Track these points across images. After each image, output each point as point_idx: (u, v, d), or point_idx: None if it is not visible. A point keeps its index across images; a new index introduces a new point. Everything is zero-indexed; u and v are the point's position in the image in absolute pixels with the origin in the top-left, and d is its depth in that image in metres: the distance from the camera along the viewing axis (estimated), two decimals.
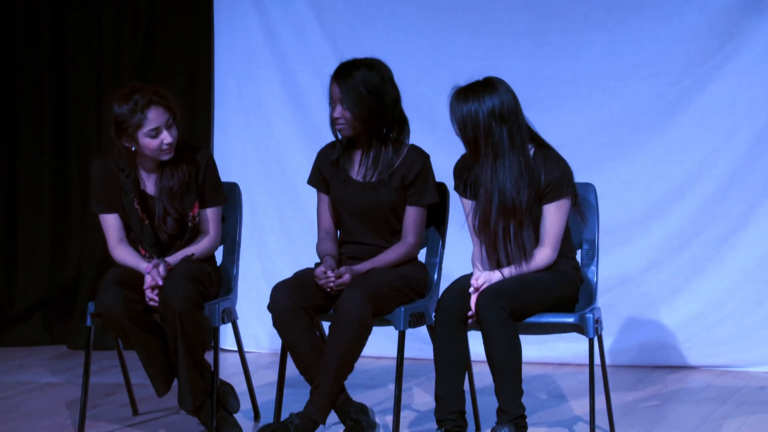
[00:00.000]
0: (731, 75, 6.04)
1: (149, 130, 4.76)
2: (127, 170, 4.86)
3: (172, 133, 4.80)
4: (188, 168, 4.88)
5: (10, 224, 6.85)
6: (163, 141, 4.77)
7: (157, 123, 4.76)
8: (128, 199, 4.86)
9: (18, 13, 6.77)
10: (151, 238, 4.88)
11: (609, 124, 6.19)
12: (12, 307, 6.82)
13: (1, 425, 5.16)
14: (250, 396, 5.27)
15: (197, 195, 4.91)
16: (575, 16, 6.16)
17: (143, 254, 4.89)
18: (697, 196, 6.11)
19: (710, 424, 5.11)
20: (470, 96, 4.49)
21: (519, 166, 4.52)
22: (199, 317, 4.77)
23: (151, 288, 4.74)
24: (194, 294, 4.73)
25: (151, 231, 4.87)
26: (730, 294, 6.08)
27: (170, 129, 4.80)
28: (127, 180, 4.85)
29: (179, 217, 4.86)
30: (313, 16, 6.47)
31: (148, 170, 4.88)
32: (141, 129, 4.76)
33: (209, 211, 4.96)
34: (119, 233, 4.92)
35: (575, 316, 4.69)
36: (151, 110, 4.76)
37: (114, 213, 4.91)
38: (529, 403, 5.37)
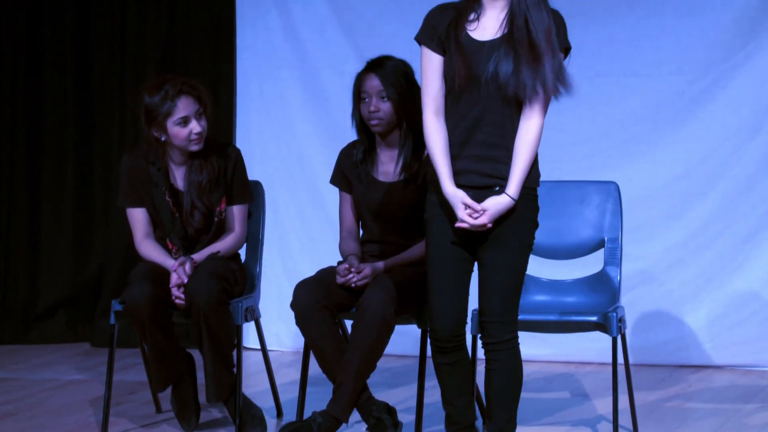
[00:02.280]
0: (754, 72, 6.04)
1: (178, 118, 4.79)
2: (158, 163, 4.88)
3: (202, 124, 4.84)
4: (217, 163, 4.91)
5: (33, 223, 6.88)
6: (192, 130, 4.80)
7: (186, 112, 4.79)
8: (159, 192, 4.87)
9: (42, 13, 6.81)
10: (180, 232, 4.90)
11: (630, 121, 6.19)
12: (36, 305, 6.86)
13: (26, 422, 5.19)
14: (273, 394, 5.29)
15: (225, 191, 4.93)
16: (597, 13, 6.18)
17: (170, 248, 4.91)
18: (720, 195, 6.10)
19: (734, 424, 5.10)
20: None
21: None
22: (224, 314, 4.79)
23: (177, 286, 4.75)
24: (219, 291, 4.74)
25: (180, 224, 4.90)
26: (753, 293, 6.07)
27: (200, 119, 4.83)
28: (157, 173, 4.88)
29: (206, 212, 4.89)
30: (333, 14, 6.49)
31: (177, 163, 4.90)
32: (170, 117, 4.79)
33: (236, 208, 4.97)
34: (146, 228, 4.94)
35: (598, 315, 4.69)
36: (181, 99, 4.80)
37: (141, 207, 4.93)
38: (551, 402, 5.45)
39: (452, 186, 3.99)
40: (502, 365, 4.10)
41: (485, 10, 4.00)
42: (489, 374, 4.13)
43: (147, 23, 6.71)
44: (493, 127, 3.98)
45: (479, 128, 3.99)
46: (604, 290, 4.92)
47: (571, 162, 5.97)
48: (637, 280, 6.05)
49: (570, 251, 5.07)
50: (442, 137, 4.02)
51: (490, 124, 3.98)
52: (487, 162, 3.99)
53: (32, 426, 5.12)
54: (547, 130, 5.71)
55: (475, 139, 3.99)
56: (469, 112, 3.99)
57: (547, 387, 5.74)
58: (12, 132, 6.85)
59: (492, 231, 4.02)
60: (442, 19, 4.03)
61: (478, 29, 3.99)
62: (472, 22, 4.00)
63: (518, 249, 4.06)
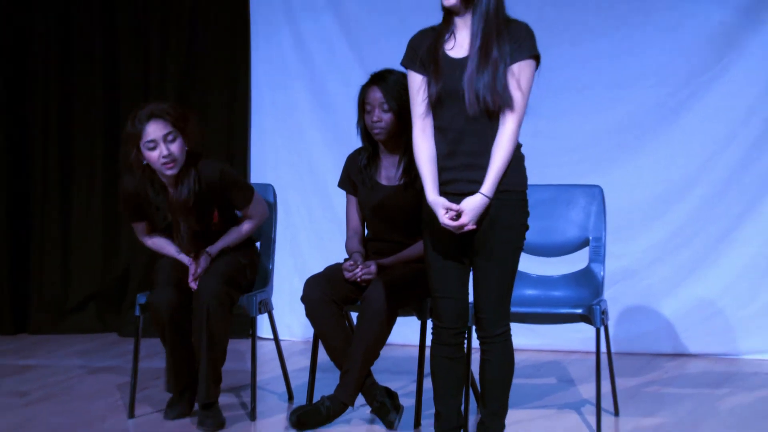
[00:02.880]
0: (728, 85, 6.03)
1: (146, 141, 4.66)
2: (156, 187, 4.78)
3: (171, 147, 4.66)
4: (201, 182, 4.76)
5: (66, 223, 6.87)
6: (161, 153, 4.65)
7: (154, 135, 4.66)
8: (161, 215, 4.84)
9: (70, 34, 6.79)
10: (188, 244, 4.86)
11: (614, 130, 6.18)
12: (68, 299, 6.86)
13: (59, 406, 5.20)
14: (285, 380, 5.30)
15: (216, 205, 4.84)
16: (584, 29, 6.17)
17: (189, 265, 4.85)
18: (697, 198, 6.10)
19: (706, 407, 5.11)
20: None
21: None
22: (225, 316, 4.75)
23: (194, 280, 4.76)
24: (224, 293, 4.72)
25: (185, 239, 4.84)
26: (726, 288, 6.07)
27: (170, 143, 4.67)
28: (157, 197, 4.80)
29: (199, 229, 4.83)
30: (340, 29, 6.49)
31: (168, 184, 4.78)
32: (141, 140, 4.67)
33: (246, 209, 4.92)
34: (145, 232, 4.95)
35: (583, 308, 4.69)
36: (150, 123, 4.66)
37: (143, 221, 4.90)
38: (540, 388, 5.43)
39: (434, 194, 3.98)
40: (496, 356, 4.11)
41: (459, 30, 3.98)
42: (483, 364, 4.14)
43: (169, 39, 6.71)
44: (475, 137, 3.95)
45: (462, 139, 3.96)
46: (589, 285, 4.94)
47: (560, 167, 5.95)
48: (619, 276, 6.06)
49: (557, 249, 5.08)
50: (427, 151, 4.00)
51: (471, 134, 3.95)
52: (472, 170, 3.96)
53: (65, 410, 5.13)
54: (538, 138, 5.82)
55: (460, 150, 3.97)
56: (452, 125, 3.97)
57: (536, 373, 5.75)
58: (45, 138, 6.84)
59: (484, 237, 4.00)
60: (422, 41, 4.02)
61: (455, 48, 3.98)
62: (449, 41, 3.99)
63: (510, 254, 4.05)
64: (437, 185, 3.99)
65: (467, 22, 3.98)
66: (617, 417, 4.93)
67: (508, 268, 4.07)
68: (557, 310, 4.79)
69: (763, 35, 5.99)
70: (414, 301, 4.77)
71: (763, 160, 6.02)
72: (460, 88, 3.94)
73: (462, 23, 3.99)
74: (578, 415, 4.99)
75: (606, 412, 4.91)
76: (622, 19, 6.15)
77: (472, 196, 3.95)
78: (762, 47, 5.99)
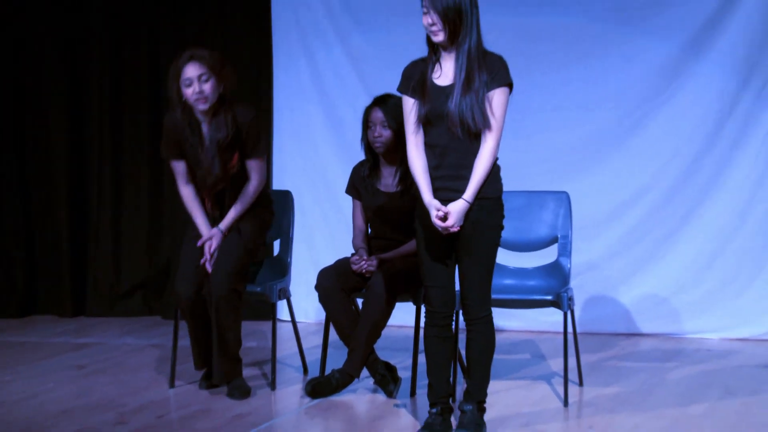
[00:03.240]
0: (675, 107, 6.02)
1: (184, 79, 4.58)
2: (192, 122, 4.66)
3: (204, 86, 4.57)
4: (234, 123, 4.65)
5: (116, 222, 6.83)
6: (194, 90, 4.57)
7: (190, 74, 4.58)
8: (193, 147, 4.69)
9: (123, 59, 6.75)
10: (204, 183, 4.71)
11: (580, 145, 6.16)
12: (119, 287, 6.84)
13: (111, 377, 5.22)
14: (300, 356, 5.29)
15: (238, 149, 4.71)
16: (554, 60, 6.14)
17: (207, 207, 4.74)
18: (648, 202, 6.09)
19: (657, 378, 5.12)
20: None
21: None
22: (233, 310, 4.68)
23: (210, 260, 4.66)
24: (231, 291, 4.65)
25: (203, 176, 4.69)
26: (672, 278, 6.06)
27: (203, 83, 4.58)
28: (190, 130, 4.67)
29: (223, 165, 4.67)
30: (348, 61, 6.46)
31: (203, 121, 4.67)
32: (180, 78, 4.60)
33: (251, 162, 4.75)
34: (186, 177, 4.77)
35: (553, 295, 4.69)
36: (189, 64, 4.59)
37: (180, 160, 4.73)
38: (515, 363, 5.41)
39: (429, 196, 3.99)
40: (479, 335, 4.13)
41: (445, 61, 4.00)
42: (469, 342, 4.15)
43: None
44: (458, 152, 3.97)
45: (448, 154, 3.98)
46: (558, 276, 4.94)
47: (534, 176, 5.94)
48: (583, 268, 6.05)
49: (531, 245, 5.08)
50: (420, 162, 4.01)
51: (455, 150, 3.97)
52: (456, 180, 3.99)
53: (116, 380, 5.15)
54: (516, 152, 5.83)
55: (446, 163, 3.98)
56: (439, 142, 3.98)
57: (513, 350, 5.75)
58: (100, 145, 6.78)
59: (468, 236, 4.00)
60: (414, 71, 4.04)
61: (441, 77, 3.99)
62: (436, 71, 4.00)
63: (489, 250, 4.07)
64: (431, 190, 4.01)
65: (452, 55, 3.99)
66: (581, 387, 4.94)
67: (488, 261, 4.09)
68: (531, 297, 4.80)
69: (702, 66, 5.98)
70: (410, 290, 4.77)
71: (703, 172, 6.02)
72: (444, 111, 3.95)
73: (447, 56, 4.01)
74: (548, 385, 5.00)
75: (572, 382, 4.92)
76: (586, 52, 6.13)
77: (456, 202, 3.97)
78: (702, 76, 5.98)
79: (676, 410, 4.55)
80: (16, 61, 6.80)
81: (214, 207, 4.78)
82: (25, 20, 6.77)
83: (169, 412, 4.64)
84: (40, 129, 6.84)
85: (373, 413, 4.59)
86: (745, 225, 5.97)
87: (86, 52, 6.80)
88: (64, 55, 6.78)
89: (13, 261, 6.84)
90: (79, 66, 6.82)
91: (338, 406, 4.68)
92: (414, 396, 4.79)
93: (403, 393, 4.82)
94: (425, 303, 4.18)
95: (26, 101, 6.85)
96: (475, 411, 4.19)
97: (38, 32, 6.76)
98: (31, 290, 6.87)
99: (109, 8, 6.75)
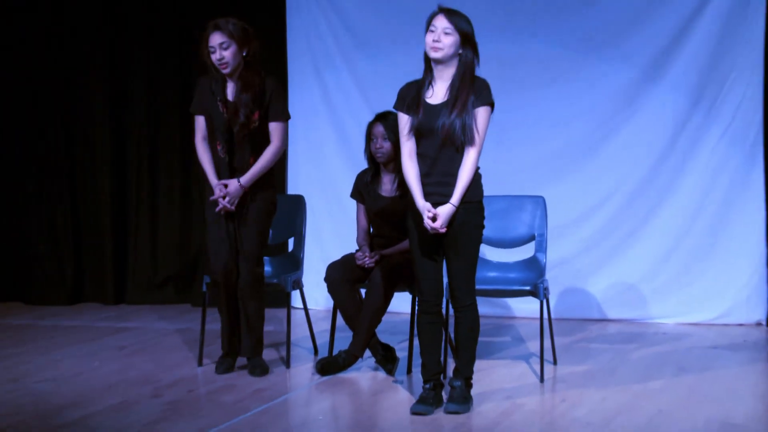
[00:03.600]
0: (636, 124, 5.99)
1: (210, 46, 4.52)
2: (219, 81, 4.57)
3: (225, 54, 4.49)
4: (257, 85, 4.56)
5: (154, 222, 6.80)
6: (216, 57, 4.51)
7: (213, 42, 4.51)
8: (214, 99, 4.59)
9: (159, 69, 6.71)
10: (225, 128, 4.57)
11: (554, 156, 6.14)
12: (154, 278, 6.81)
13: (148, 356, 5.22)
14: (311, 338, 5.28)
15: (259, 108, 4.58)
16: (532, 82, 6.12)
17: (218, 146, 4.58)
18: (614, 205, 6.07)
19: (621, 357, 5.12)
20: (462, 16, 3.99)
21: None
22: (258, 293, 4.67)
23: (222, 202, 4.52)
24: (256, 278, 4.64)
25: (226, 122, 4.56)
26: (635, 271, 6.04)
27: (225, 50, 4.49)
28: (216, 85, 4.59)
29: (245, 117, 4.55)
30: (355, 83, 6.43)
31: (229, 80, 4.59)
32: (206, 45, 4.53)
33: (273, 124, 4.62)
34: (204, 132, 4.65)
35: (531, 285, 4.69)
36: (213, 33, 4.51)
37: (202, 115, 4.63)
38: (499, 344, 5.40)
39: (422, 200, 4.00)
40: (466, 320, 4.14)
41: (436, 82, 4.01)
42: (457, 326, 4.16)
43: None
44: (446, 162, 3.98)
45: (437, 163, 3.99)
46: (535, 269, 4.92)
47: (514, 183, 5.89)
48: (557, 262, 6.02)
49: (512, 243, 5.08)
50: (413, 170, 4.03)
51: (443, 160, 3.98)
52: (444, 186, 4.00)
53: (152, 359, 5.15)
54: (498, 162, 5.82)
55: (435, 171, 4.00)
56: (429, 153, 4.00)
57: (496, 334, 5.74)
58: (138, 161, 6.76)
59: (454, 235, 4.00)
60: (409, 91, 4.05)
61: (433, 96, 4.01)
62: (428, 91, 4.02)
63: (472, 246, 4.07)
64: (423, 194, 4.02)
65: (443, 75, 4.00)
66: (555, 365, 4.92)
67: (472, 257, 4.09)
68: (511, 288, 4.79)
69: (659, 88, 5.96)
70: (407, 281, 4.76)
71: (660, 179, 6.00)
72: (435, 126, 3.96)
73: (439, 76, 4.01)
74: (527, 364, 5.00)
75: (547, 361, 4.92)
76: (559, 75, 6.11)
77: (443, 206, 3.98)
78: (658, 96, 5.97)
79: (638, 385, 4.57)
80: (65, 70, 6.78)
81: (225, 151, 4.63)
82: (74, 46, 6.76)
83: (198, 387, 4.65)
84: (87, 145, 6.81)
85: (375, 388, 4.60)
86: (696, 225, 5.96)
87: (127, 67, 6.77)
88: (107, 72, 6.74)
89: (64, 258, 6.86)
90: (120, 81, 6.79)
91: (344, 382, 4.69)
92: (410, 374, 4.78)
93: (401, 371, 4.82)
94: (418, 294, 4.18)
95: (73, 115, 6.82)
96: (463, 386, 4.20)
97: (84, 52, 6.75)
98: (79, 282, 6.88)
99: (149, 41, 6.71)
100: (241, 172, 4.62)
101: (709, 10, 5.84)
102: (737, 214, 5.89)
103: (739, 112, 5.86)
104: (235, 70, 4.58)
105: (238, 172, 4.62)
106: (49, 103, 6.80)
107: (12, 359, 5.14)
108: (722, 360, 5.04)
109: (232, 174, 4.62)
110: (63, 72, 6.78)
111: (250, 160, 4.63)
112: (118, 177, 6.83)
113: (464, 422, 4.04)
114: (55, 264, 6.82)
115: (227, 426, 4.03)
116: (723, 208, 5.91)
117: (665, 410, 4.18)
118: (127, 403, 4.35)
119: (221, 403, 4.35)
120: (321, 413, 4.27)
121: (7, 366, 4.99)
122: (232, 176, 4.61)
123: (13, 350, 5.35)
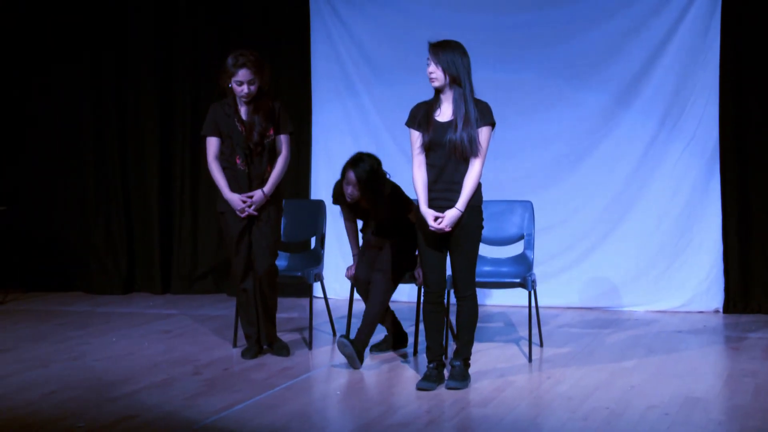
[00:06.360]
0: (611, 141, 5.98)
1: (236, 80, 4.43)
2: (231, 104, 4.50)
3: (251, 89, 4.42)
4: (269, 107, 4.51)
5: (195, 222, 6.74)
6: (243, 91, 4.43)
7: (242, 78, 4.42)
8: (231, 120, 4.51)
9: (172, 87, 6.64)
10: (244, 145, 4.50)
11: (541, 167, 6.11)
12: (196, 271, 6.76)
13: (190, 338, 5.20)
14: (330, 323, 5.25)
15: (272, 124, 4.54)
16: (523, 105, 6.08)
17: (237, 163, 4.51)
18: (592, 209, 6.05)
19: (597, 341, 5.09)
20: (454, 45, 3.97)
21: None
22: (273, 284, 4.61)
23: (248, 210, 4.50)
24: (272, 270, 4.59)
25: (245, 140, 4.49)
26: (610, 266, 6.01)
27: (250, 85, 4.42)
28: (230, 109, 4.51)
29: (260, 133, 4.49)
30: (372, 105, 6.35)
31: (242, 104, 4.52)
32: (233, 77, 4.43)
33: (282, 137, 4.57)
34: (216, 152, 4.55)
35: (521, 278, 4.67)
36: (242, 69, 4.40)
37: (215, 137, 4.53)
38: (494, 329, 5.39)
39: (425, 207, 4.01)
40: (467, 308, 4.13)
41: (443, 102, 4.04)
42: (458, 314, 4.16)
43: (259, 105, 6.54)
44: (452, 172, 4.00)
45: (443, 173, 4.01)
46: (524, 264, 4.91)
47: (508, 190, 5.86)
48: (543, 258, 5.95)
49: (504, 241, 5.07)
50: (421, 179, 4.03)
51: (449, 170, 4.01)
52: (450, 192, 4.02)
53: (193, 341, 5.13)
54: (495, 172, 5.80)
55: (442, 179, 4.02)
56: (437, 163, 4.02)
57: (491, 320, 5.72)
58: (182, 169, 6.69)
59: (458, 235, 4.01)
60: (418, 110, 4.07)
61: (441, 114, 4.03)
62: (437, 110, 4.05)
63: (473, 244, 4.08)
64: (427, 201, 4.03)
65: (448, 98, 4.03)
66: (542, 347, 4.90)
67: (473, 253, 4.10)
68: (504, 280, 4.78)
69: (631, 110, 5.96)
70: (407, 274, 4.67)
71: (633, 186, 5.99)
72: (443, 140, 4.00)
73: (445, 98, 4.05)
74: (517, 346, 4.98)
75: (535, 344, 4.90)
76: (546, 99, 6.08)
77: (451, 210, 4.00)
78: (631, 116, 5.96)
79: (613, 364, 4.57)
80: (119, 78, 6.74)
81: (244, 164, 4.55)
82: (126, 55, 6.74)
83: (233, 365, 4.62)
84: (138, 154, 6.79)
85: (385, 367, 4.58)
86: (662, 225, 5.95)
87: (174, 89, 6.73)
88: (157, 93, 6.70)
89: (118, 253, 6.84)
90: (168, 101, 6.74)
91: None
92: (416, 355, 4.77)
93: (408, 352, 4.80)
94: (423, 285, 4.18)
95: (128, 123, 6.78)
96: (462, 366, 4.19)
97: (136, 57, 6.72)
98: (131, 274, 6.85)
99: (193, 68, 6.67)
100: (258, 179, 4.57)
101: (674, 41, 5.87)
102: (698, 216, 5.90)
103: (699, 130, 5.88)
104: (253, 98, 4.54)
105: (256, 179, 4.58)
106: (109, 119, 6.78)
107: (74, 341, 5.15)
108: (685, 343, 5.03)
109: (249, 182, 4.57)
110: (122, 98, 6.77)
111: (267, 168, 4.59)
112: (164, 183, 6.80)
113: (463, 396, 4.05)
114: (111, 259, 6.81)
115: (257, 399, 4.02)
116: (686, 212, 5.91)
117: (637, 386, 4.18)
118: (171, 379, 4.34)
119: (252, 379, 4.34)
120: (339, 389, 4.24)
121: (70, 347, 5.00)
122: (249, 184, 4.56)
123: (74, 333, 5.36)
